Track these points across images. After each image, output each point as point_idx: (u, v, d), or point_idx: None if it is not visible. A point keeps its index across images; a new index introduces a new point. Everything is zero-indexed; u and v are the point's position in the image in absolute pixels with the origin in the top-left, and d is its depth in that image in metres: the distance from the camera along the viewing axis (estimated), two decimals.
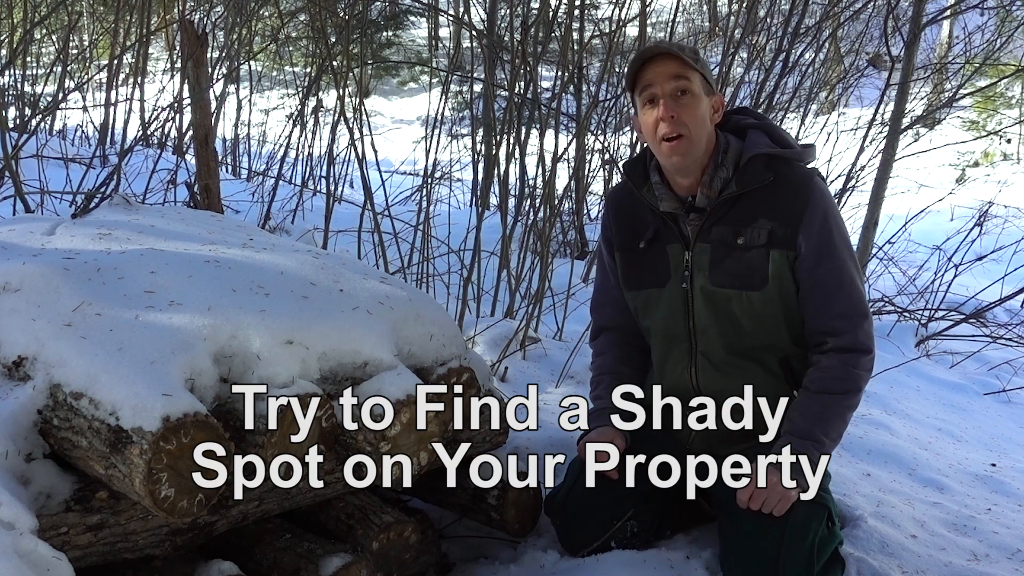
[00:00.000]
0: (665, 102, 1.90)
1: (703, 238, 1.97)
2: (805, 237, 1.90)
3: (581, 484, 2.10)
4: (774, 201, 1.92)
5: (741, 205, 1.94)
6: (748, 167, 1.93)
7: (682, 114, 1.89)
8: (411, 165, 6.24)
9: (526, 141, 4.06)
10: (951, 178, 9.16)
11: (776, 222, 1.91)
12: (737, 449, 2.02)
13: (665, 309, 2.04)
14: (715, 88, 1.97)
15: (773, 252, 1.91)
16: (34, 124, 5.13)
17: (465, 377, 1.98)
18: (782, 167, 1.94)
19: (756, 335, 1.96)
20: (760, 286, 1.92)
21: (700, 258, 1.97)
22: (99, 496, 1.55)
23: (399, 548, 1.89)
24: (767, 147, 1.95)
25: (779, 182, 1.92)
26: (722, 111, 1.99)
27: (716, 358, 2.00)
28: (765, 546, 1.85)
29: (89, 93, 7.16)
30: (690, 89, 1.90)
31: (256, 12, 6.55)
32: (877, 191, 4.49)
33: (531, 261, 3.81)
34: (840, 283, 1.92)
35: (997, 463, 3.07)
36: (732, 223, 1.94)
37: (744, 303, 1.94)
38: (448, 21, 13.82)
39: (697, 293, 1.98)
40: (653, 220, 2.05)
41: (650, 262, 2.05)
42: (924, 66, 6.16)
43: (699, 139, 1.92)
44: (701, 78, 1.92)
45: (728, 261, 1.94)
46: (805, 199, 1.90)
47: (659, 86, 1.90)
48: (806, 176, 1.95)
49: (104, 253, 1.91)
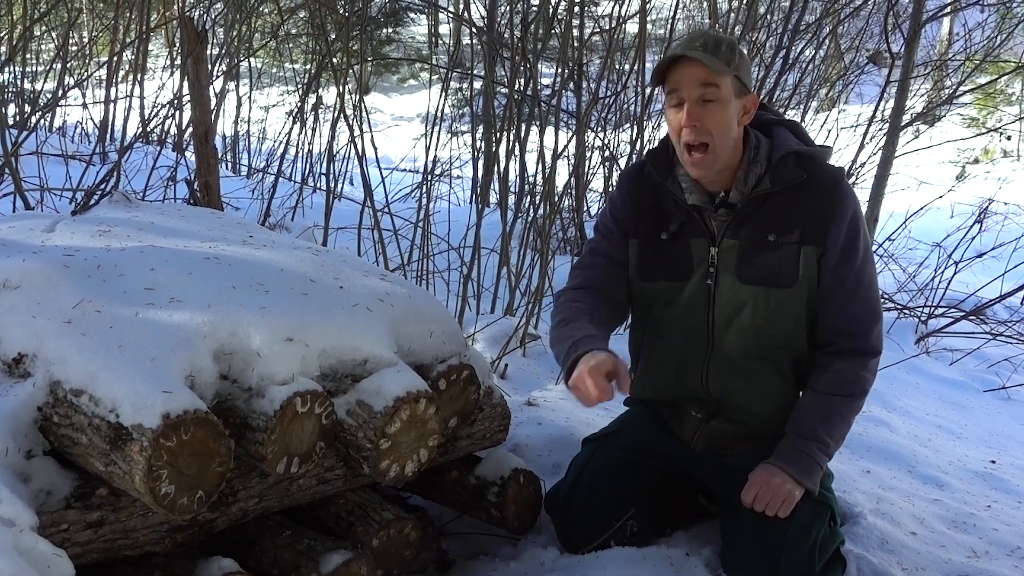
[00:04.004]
0: (690, 108, 1.85)
1: (731, 234, 1.93)
2: (833, 235, 1.89)
3: (582, 482, 2.10)
4: (806, 198, 1.91)
5: (772, 202, 1.92)
6: (780, 165, 1.91)
7: (707, 121, 1.85)
8: (411, 162, 6.23)
9: (526, 138, 4.05)
10: (951, 175, 9.16)
11: (808, 219, 1.90)
12: (741, 449, 2.02)
13: (686, 304, 1.99)
14: (750, 87, 1.92)
15: (805, 248, 1.89)
16: (34, 121, 5.13)
17: (465, 374, 1.98)
18: (812, 165, 1.93)
19: (776, 335, 1.93)
20: (790, 283, 1.90)
21: (727, 254, 1.94)
22: (99, 493, 1.55)
23: (399, 545, 1.89)
24: (797, 145, 1.94)
25: (811, 180, 1.91)
26: (754, 111, 1.94)
27: (732, 357, 1.96)
28: (767, 545, 1.85)
29: (89, 90, 7.15)
30: (718, 97, 1.84)
31: (256, 9, 6.55)
32: (877, 188, 4.50)
33: (531, 258, 3.81)
34: (859, 283, 1.91)
35: (997, 460, 3.08)
36: (763, 220, 1.92)
37: (771, 301, 1.91)
38: (448, 18, 13.81)
39: (722, 290, 1.95)
40: (677, 212, 2.00)
41: (672, 255, 2.00)
42: (924, 63, 6.16)
43: (723, 148, 1.88)
44: (734, 80, 1.86)
45: (758, 258, 1.91)
46: (838, 198, 1.90)
47: (685, 90, 1.86)
48: (837, 175, 1.94)
49: (104, 250, 1.91)
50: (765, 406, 1.98)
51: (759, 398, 1.98)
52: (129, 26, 7.17)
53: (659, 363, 2.07)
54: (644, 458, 2.11)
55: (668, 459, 2.11)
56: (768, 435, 1.96)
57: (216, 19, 6.58)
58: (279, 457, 1.61)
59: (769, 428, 1.97)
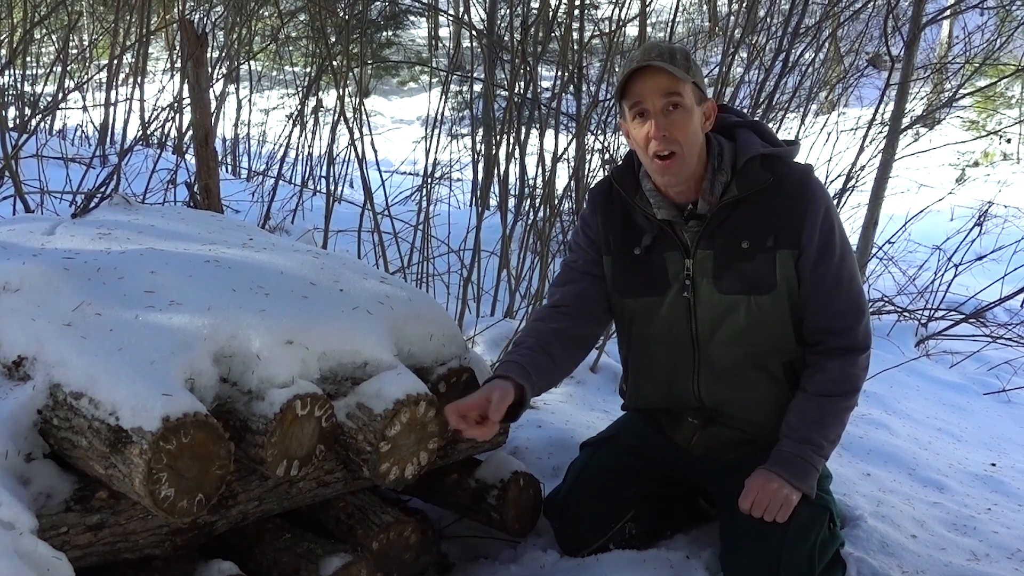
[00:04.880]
0: (656, 120, 1.84)
1: (705, 245, 1.92)
2: (808, 234, 1.88)
3: (580, 485, 2.10)
4: (776, 201, 1.89)
5: (742, 209, 1.90)
6: (746, 169, 1.90)
7: (674, 131, 1.84)
8: (411, 165, 6.23)
9: (526, 141, 4.05)
10: (951, 178, 9.16)
11: (780, 223, 1.88)
12: (737, 453, 2.01)
13: (666, 319, 1.98)
14: (706, 94, 1.91)
15: (780, 253, 1.88)
16: (34, 124, 5.13)
17: (465, 377, 1.98)
18: (778, 166, 1.91)
19: (762, 340, 1.93)
20: (768, 289, 1.89)
21: (703, 265, 1.92)
22: (99, 496, 1.55)
23: (399, 548, 1.89)
24: (761, 147, 1.92)
25: (779, 182, 1.90)
26: (714, 117, 1.94)
27: (720, 367, 1.96)
28: (766, 548, 1.84)
29: (89, 93, 7.16)
30: (682, 104, 1.84)
31: (256, 12, 6.55)
32: (877, 191, 4.50)
33: (531, 261, 3.81)
34: (839, 280, 1.90)
35: (997, 463, 3.08)
36: (735, 227, 1.90)
37: (753, 308, 1.90)
38: (448, 21, 13.82)
39: (701, 301, 1.94)
40: (648, 227, 1.99)
41: (647, 269, 1.99)
42: (924, 66, 6.17)
43: (691, 156, 1.87)
44: (693, 87, 1.86)
45: (734, 266, 1.90)
46: (807, 197, 1.88)
47: (650, 101, 1.84)
48: (805, 173, 1.93)
49: (104, 253, 1.91)
50: (761, 412, 1.97)
51: (754, 406, 1.97)
52: (129, 29, 7.18)
53: (649, 376, 2.07)
54: (643, 461, 2.11)
55: (667, 463, 2.11)
56: (766, 440, 1.96)
57: (216, 22, 6.59)
58: (279, 460, 1.61)
59: (766, 433, 1.96)
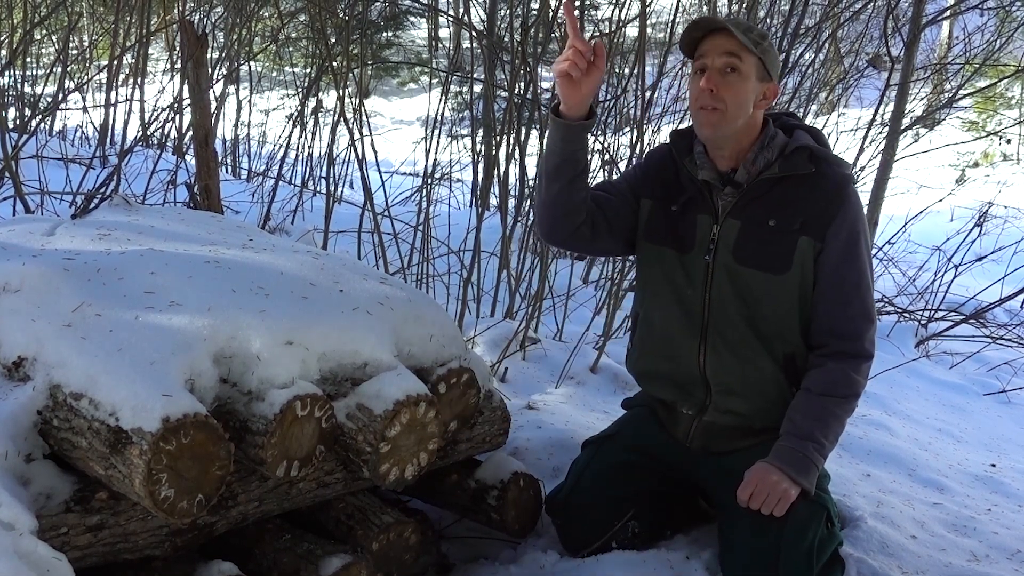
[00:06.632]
0: (711, 74, 1.90)
1: (735, 214, 1.97)
2: (834, 231, 1.92)
3: (582, 484, 2.10)
4: (812, 192, 1.94)
5: (779, 189, 1.96)
6: (793, 155, 1.96)
7: (723, 90, 1.89)
8: (411, 166, 6.24)
9: (526, 141, 4.05)
10: (951, 179, 9.17)
11: (811, 211, 1.93)
12: (736, 445, 2.03)
13: (683, 278, 2.03)
14: (774, 77, 1.95)
15: (802, 239, 1.92)
16: (34, 125, 5.12)
17: (465, 378, 1.98)
18: (823, 163, 1.97)
19: (771, 320, 1.96)
20: (782, 270, 1.93)
21: (728, 233, 1.97)
22: (99, 497, 1.55)
23: (399, 549, 1.89)
24: (813, 145, 1.98)
25: (820, 174, 1.95)
26: (773, 99, 1.98)
27: (726, 338, 1.99)
28: (764, 547, 1.85)
29: (89, 94, 7.15)
30: (739, 68, 1.89)
31: (256, 13, 6.55)
32: (877, 191, 4.50)
33: (531, 262, 3.81)
34: (858, 286, 1.94)
35: (997, 464, 3.08)
36: (767, 204, 1.95)
37: (764, 285, 1.94)
38: (448, 21, 13.83)
39: (719, 268, 1.98)
40: (690, 187, 2.05)
41: (679, 226, 2.04)
42: (924, 66, 6.17)
43: (734, 117, 1.91)
44: (758, 63, 1.91)
45: (756, 240, 1.95)
46: (844, 197, 1.93)
47: (711, 58, 1.90)
48: (847, 177, 1.98)
49: (104, 254, 1.91)
50: (759, 396, 1.99)
51: (753, 385, 1.99)
52: (129, 30, 7.17)
53: (659, 335, 2.10)
54: (643, 460, 2.12)
55: (667, 461, 2.12)
56: (759, 428, 1.99)
57: (216, 23, 6.59)
58: (279, 461, 1.61)
59: (760, 420, 1.99)
